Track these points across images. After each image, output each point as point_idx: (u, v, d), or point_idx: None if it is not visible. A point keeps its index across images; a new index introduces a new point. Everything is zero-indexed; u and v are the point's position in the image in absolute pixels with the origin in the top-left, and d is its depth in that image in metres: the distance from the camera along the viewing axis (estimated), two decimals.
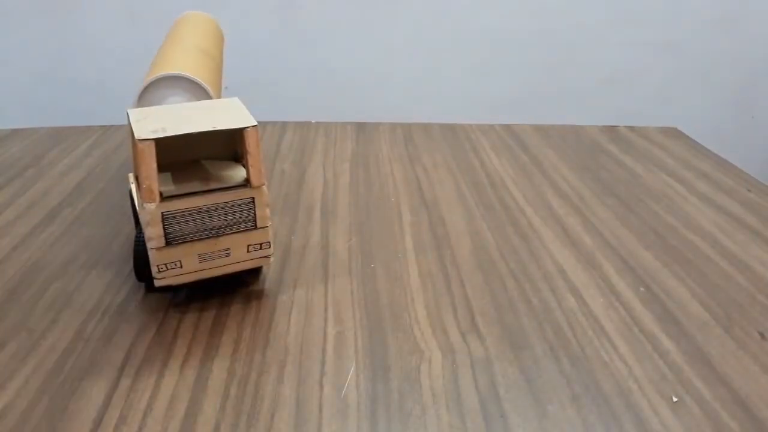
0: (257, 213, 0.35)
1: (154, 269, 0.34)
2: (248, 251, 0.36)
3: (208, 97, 0.41)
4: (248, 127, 0.33)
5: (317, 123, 0.70)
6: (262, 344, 0.34)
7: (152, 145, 0.31)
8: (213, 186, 0.34)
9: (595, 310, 0.37)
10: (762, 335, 0.36)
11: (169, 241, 0.33)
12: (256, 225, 0.35)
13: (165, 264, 0.34)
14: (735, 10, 0.98)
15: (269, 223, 0.36)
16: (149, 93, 0.40)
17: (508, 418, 0.29)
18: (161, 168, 0.33)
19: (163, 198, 0.33)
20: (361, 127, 0.69)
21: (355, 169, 0.58)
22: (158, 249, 0.33)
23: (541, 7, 0.96)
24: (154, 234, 0.33)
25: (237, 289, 0.38)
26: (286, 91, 0.98)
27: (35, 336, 0.34)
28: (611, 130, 0.71)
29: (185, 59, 0.43)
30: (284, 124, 0.69)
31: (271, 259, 0.37)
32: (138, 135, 0.32)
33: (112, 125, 0.68)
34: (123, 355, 0.33)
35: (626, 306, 0.38)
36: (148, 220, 0.33)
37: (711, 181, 0.57)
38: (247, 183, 0.35)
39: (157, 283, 0.34)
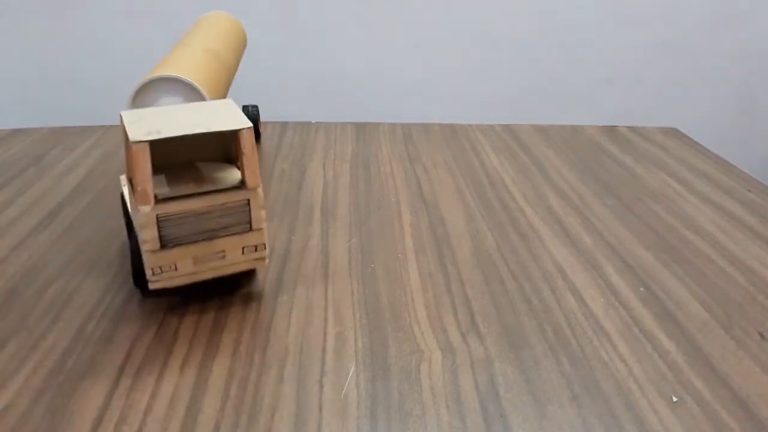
0: (252, 215, 0.35)
1: (148, 272, 0.33)
2: (243, 253, 0.35)
3: (203, 99, 0.40)
4: (243, 129, 0.33)
5: (317, 123, 0.70)
6: (262, 344, 0.34)
7: (146, 147, 0.31)
8: (207, 188, 0.34)
9: (595, 310, 0.37)
10: (762, 335, 0.36)
11: (164, 244, 0.33)
12: (251, 227, 0.35)
13: (159, 267, 0.33)
14: (735, 10, 0.98)
15: (264, 225, 0.35)
16: (143, 94, 0.39)
17: (508, 418, 0.29)
18: (155, 170, 0.33)
19: (158, 200, 0.32)
20: (361, 127, 0.69)
21: (355, 169, 0.58)
22: (153, 252, 0.33)
23: (541, 7, 0.96)
24: (148, 237, 0.32)
25: (237, 289, 0.39)
26: (286, 91, 0.98)
27: (35, 336, 0.34)
28: (611, 130, 0.71)
29: (186, 61, 0.42)
30: (284, 124, 0.69)
31: (267, 261, 0.37)
32: (132, 137, 0.31)
33: (112, 125, 0.68)
34: (123, 355, 0.33)
35: (626, 306, 0.38)
36: (142, 222, 0.32)
37: (711, 181, 0.57)
38: (242, 185, 0.34)
39: (152, 286, 0.34)
